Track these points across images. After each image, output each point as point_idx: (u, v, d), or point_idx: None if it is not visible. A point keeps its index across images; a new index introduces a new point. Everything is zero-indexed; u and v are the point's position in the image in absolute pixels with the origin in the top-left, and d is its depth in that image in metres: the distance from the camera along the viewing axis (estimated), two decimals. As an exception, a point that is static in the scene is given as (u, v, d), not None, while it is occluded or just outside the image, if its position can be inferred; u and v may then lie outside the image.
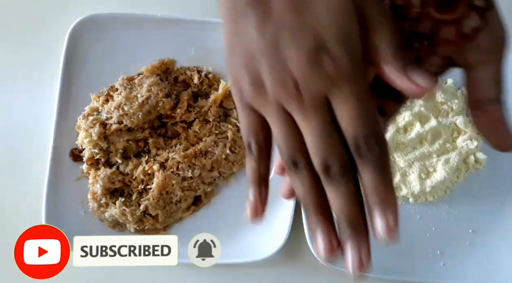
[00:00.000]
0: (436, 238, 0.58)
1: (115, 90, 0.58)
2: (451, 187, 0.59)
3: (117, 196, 0.57)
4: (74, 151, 0.59)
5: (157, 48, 0.62)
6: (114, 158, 0.57)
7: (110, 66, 0.61)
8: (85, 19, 0.60)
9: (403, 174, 0.58)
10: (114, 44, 0.62)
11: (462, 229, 0.58)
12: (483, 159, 0.59)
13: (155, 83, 0.58)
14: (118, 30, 0.62)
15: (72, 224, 0.56)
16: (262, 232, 0.57)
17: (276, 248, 0.54)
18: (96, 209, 0.56)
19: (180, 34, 0.62)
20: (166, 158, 0.57)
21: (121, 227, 0.57)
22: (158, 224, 0.56)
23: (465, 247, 0.57)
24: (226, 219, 0.58)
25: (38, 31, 0.66)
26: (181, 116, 0.58)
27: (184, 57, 0.62)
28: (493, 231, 0.58)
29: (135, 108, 0.56)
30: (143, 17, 0.62)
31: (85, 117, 0.58)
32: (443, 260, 0.57)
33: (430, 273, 0.56)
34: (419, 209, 0.59)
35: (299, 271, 0.58)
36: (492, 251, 0.57)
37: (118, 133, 0.57)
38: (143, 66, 0.60)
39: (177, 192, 0.56)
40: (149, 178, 0.56)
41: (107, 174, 0.56)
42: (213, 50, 0.62)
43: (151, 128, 0.58)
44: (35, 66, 0.64)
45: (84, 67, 0.61)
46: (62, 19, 0.64)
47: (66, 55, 0.60)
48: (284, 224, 0.55)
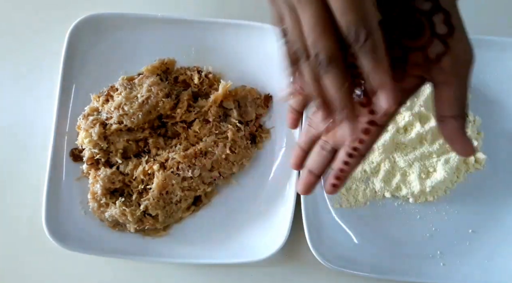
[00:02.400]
0: (436, 238, 0.58)
1: (115, 90, 0.58)
2: (451, 187, 0.59)
3: (117, 196, 0.57)
4: (74, 151, 0.59)
5: (157, 48, 0.62)
6: (114, 158, 0.57)
7: (110, 66, 0.62)
8: (85, 19, 0.60)
9: (403, 174, 0.58)
10: (114, 44, 0.62)
11: (462, 229, 0.58)
12: (483, 159, 0.59)
13: (155, 83, 0.58)
14: (118, 30, 0.62)
15: (72, 224, 0.56)
16: (262, 232, 0.57)
17: (276, 248, 0.54)
18: (96, 209, 0.56)
19: (180, 34, 0.62)
20: (166, 158, 0.57)
21: (121, 227, 0.57)
22: (158, 224, 0.56)
23: (465, 247, 0.57)
24: (226, 219, 0.58)
25: (38, 31, 0.66)
26: (181, 116, 0.58)
27: (184, 57, 0.62)
28: (493, 231, 0.58)
29: (135, 108, 0.56)
30: (143, 17, 0.62)
31: (85, 117, 0.58)
32: (443, 260, 0.57)
33: (430, 273, 0.56)
34: (419, 209, 0.59)
35: (299, 271, 0.58)
36: (492, 251, 0.57)
37: (118, 133, 0.57)
38: (143, 66, 0.60)
39: (177, 192, 0.56)
40: (149, 178, 0.56)
41: (107, 174, 0.56)
42: (213, 50, 0.62)
43: (151, 128, 0.58)
44: (35, 66, 0.65)
45: (84, 67, 0.61)
46: (62, 19, 0.64)
47: (66, 55, 0.60)
48: (284, 224, 0.55)
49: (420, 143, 0.59)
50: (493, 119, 0.62)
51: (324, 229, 0.57)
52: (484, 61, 0.62)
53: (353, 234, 0.57)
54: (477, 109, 0.62)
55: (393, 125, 0.59)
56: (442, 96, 0.33)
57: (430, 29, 0.31)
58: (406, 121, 0.59)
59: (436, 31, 0.31)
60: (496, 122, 0.62)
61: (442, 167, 0.57)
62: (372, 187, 0.59)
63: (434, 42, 0.31)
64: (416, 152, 0.58)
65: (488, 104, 0.62)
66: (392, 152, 0.59)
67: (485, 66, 0.62)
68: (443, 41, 0.31)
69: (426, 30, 0.31)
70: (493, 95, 0.63)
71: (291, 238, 0.54)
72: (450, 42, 0.31)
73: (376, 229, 0.58)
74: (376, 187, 0.58)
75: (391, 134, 0.58)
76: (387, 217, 0.58)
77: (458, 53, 0.32)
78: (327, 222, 0.57)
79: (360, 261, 0.56)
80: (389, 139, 0.58)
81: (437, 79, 0.33)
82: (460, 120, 0.33)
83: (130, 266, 0.58)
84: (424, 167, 0.58)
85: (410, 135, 0.59)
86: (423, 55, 0.32)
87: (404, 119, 0.59)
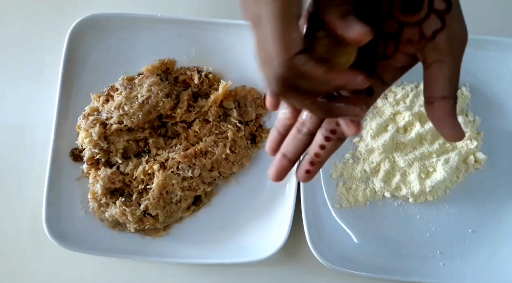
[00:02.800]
0: (436, 238, 0.58)
1: (115, 90, 0.58)
2: (451, 187, 0.59)
3: (117, 196, 0.57)
4: (74, 151, 0.59)
5: (157, 48, 0.62)
6: (114, 158, 0.57)
7: (110, 66, 0.62)
8: (85, 19, 0.60)
9: (403, 174, 0.58)
10: (114, 44, 0.62)
11: (462, 229, 0.58)
12: (483, 159, 0.59)
13: (155, 83, 0.58)
14: (118, 30, 0.62)
15: (72, 224, 0.56)
16: (262, 232, 0.57)
17: (276, 248, 0.54)
18: (96, 209, 0.56)
19: (180, 34, 0.62)
20: (166, 157, 0.57)
21: (121, 227, 0.57)
22: (158, 224, 0.56)
23: (465, 247, 0.57)
24: (226, 219, 0.58)
25: (39, 31, 0.66)
26: (181, 116, 0.58)
27: (184, 57, 0.62)
28: (493, 231, 0.58)
29: (135, 108, 0.56)
30: (143, 17, 0.62)
31: (85, 117, 0.58)
32: (443, 260, 0.57)
33: (430, 273, 0.56)
34: (419, 209, 0.59)
35: (299, 271, 0.58)
36: (492, 251, 0.57)
37: (118, 133, 0.57)
38: (143, 66, 0.60)
39: (177, 192, 0.56)
40: (149, 177, 0.56)
41: (107, 174, 0.56)
42: (213, 50, 0.62)
43: (151, 128, 0.58)
44: (35, 66, 0.65)
45: (84, 67, 0.61)
46: (62, 19, 0.64)
47: (66, 55, 0.60)
48: (284, 224, 0.55)
49: (420, 143, 0.59)
50: (493, 119, 0.62)
51: (324, 229, 0.57)
52: (484, 61, 0.62)
53: (353, 234, 0.57)
54: (477, 109, 0.62)
55: (393, 125, 0.59)
56: (434, 76, 0.32)
57: (428, 4, 0.30)
58: (406, 121, 0.59)
59: (434, 7, 0.30)
60: (496, 122, 0.62)
61: (442, 167, 0.57)
62: (372, 187, 0.59)
63: (431, 18, 0.30)
64: (416, 151, 0.58)
65: (488, 104, 0.62)
66: (392, 151, 0.59)
67: (485, 66, 0.62)
68: (441, 17, 0.30)
69: (424, 5, 0.30)
70: (493, 95, 0.63)
71: (291, 238, 0.54)
72: (447, 19, 0.30)
73: (376, 229, 0.58)
74: (376, 187, 0.58)
75: (391, 134, 0.58)
76: (387, 217, 0.58)
77: (454, 31, 0.31)
78: (327, 222, 0.57)
79: (360, 261, 0.56)
80: (389, 139, 0.58)
81: (430, 58, 0.32)
82: (451, 102, 0.32)
83: (130, 266, 0.58)
84: (424, 167, 0.58)
85: (410, 135, 0.59)
86: (419, 31, 0.31)
87: (404, 119, 0.59)
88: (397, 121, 0.59)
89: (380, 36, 0.32)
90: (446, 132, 0.33)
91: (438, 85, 0.32)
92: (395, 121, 0.59)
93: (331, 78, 0.27)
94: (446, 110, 0.32)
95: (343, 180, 0.59)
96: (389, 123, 0.59)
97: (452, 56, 0.31)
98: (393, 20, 0.31)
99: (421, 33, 0.31)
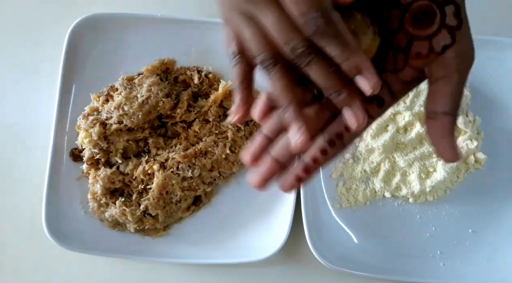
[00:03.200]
0: (436, 238, 0.58)
1: (115, 90, 0.58)
2: (451, 187, 0.59)
3: (117, 196, 0.57)
4: (74, 151, 0.59)
5: (157, 48, 0.62)
6: (114, 158, 0.57)
7: (110, 66, 0.61)
8: (85, 19, 0.60)
9: (403, 174, 0.58)
10: (114, 44, 0.62)
11: (462, 229, 0.58)
12: (483, 159, 0.59)
13: (155, 83, 0.58)
14: (118, 30, 0.62)
15: (72, 224, 0.56)
16: (262, 232, 0.57)
17: (276, 248, 0.54)
18: (96, 209, 0.56)
19: (180, 34, 0.62)
20: (166, 157, 0.57)
21: (121, 227, 0.57)
22: (158, 224, 0.56)
23: (465, 247, 0.57)
24: (226, 219, 0.58)
25: (38, 31, 0.66)
26: (181, 116, 0.58)
27: (184, 57, 0.62)
28: (493, 231, 0.58)
29: (135, 108, 0.56)
30: (143, 17, 0.62)
31: (85, 117, 0.58)
32: (443, 260, 0.57)
33: (430, 273, 0.56)
34: (419, 209, 0.59)
35: (299, 271, 0.58)
36: (492, 251, 0.57)
37: (118, 133, 0.57)
38: (143, 66, 0.60)
39: (177, 192, 0.56)
40: (149, 178, 0.56)
41: (107, 174, 0.56)
42: (213, 50, 0.62)
43: (151, 128, 0.58)
44: (35, 66, 0.65)
45: (84, 67, 0.61)
46: (62, 19, 0.64)
47: (66, 55, 0.60)
48: (284, 224, 0.55)
49: (420, 143, 0.59)
50: (493, 119, 0.62)
51: (324, 229, 0.56)
52: (484, 61, 0.62)
53: (353, 234, 0.57)
54: (477, 109, 0.62)
55: (393, 125, 0.59)
56: (438, 91, 0.32)
57: (440, 19, 0.31)
58: (406, 121, 0.59)
59: (446, 22, 0.31)
60: (496, 122, 0.62)
61: (442, 167, 0.57)
62: (372, 187, 0.59)
63: (442, 33, 0.31)
64: (416, 151, 0.58)
65: (488, 104, 0.62)
66: (392, 151, 0.59)
67: (485, 66, 0.63)
68: (451, 33, 0.31)
69: (436, 19, 0.31)
70: (493, 95, 0.63)
71: (291, 238, 0.54)
72: (457, 35, 0.31)
73: (376, 229, 0.58)
74: (376, 187, 0.58)
75: (391, 134, 0.58)
76: (387, 217, 0.58)
77: (463, 48, 0.31)
78: (327, 222, 0.57)
79: (360, 261, 0.56)
80: (389, 139, 0.58)
81: (437, 74, 0.32)
82: (451, 119, 0.32)
83: (130, 266, 0.58)
84: (424, 167, 0.58)
85: (410, 135, 0.59)
86: (429, 45, 0.31)
87: (404, 119, 0.59)
88: (397, 121, 0.59)
89: (389, 49, 0.32)
90: (440, 150, 0.33)
91: (441, 101, 0.32)
92: (395, 121, 0.59)
93: (353, 50, 0.28)
94: (444, 125, 0.32)
95: (343, 180, 0.59)
96: (389, 123, 0.59)
97: (458, 73, 0.32)
98: (403, 34, 0.31)
99: (430, 47, 0.31)
